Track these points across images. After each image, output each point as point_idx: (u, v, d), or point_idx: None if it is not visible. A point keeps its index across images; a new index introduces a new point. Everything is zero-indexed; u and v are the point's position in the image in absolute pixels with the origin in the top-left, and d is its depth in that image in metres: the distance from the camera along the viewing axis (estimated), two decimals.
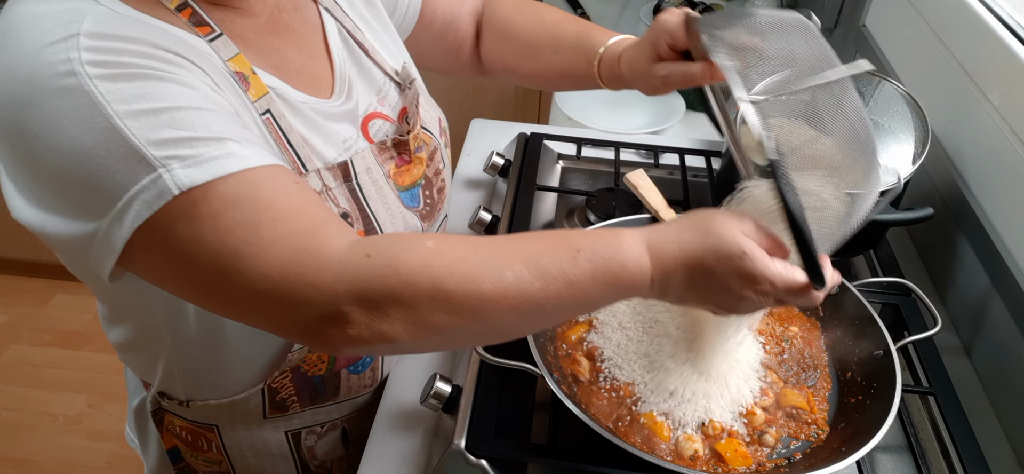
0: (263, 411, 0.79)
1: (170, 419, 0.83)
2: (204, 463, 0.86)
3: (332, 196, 0.67)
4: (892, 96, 0.97)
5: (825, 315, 0.85)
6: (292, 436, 0.84)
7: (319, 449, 0.87)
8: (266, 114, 0.63)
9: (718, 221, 0.59)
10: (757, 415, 0.73)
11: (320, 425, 0.85)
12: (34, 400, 2.09)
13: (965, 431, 0.76)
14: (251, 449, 0.84)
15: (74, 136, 0.51)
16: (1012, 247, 0.87)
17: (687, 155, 1.17)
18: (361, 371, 0.82)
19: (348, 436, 0.88)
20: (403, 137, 0.75)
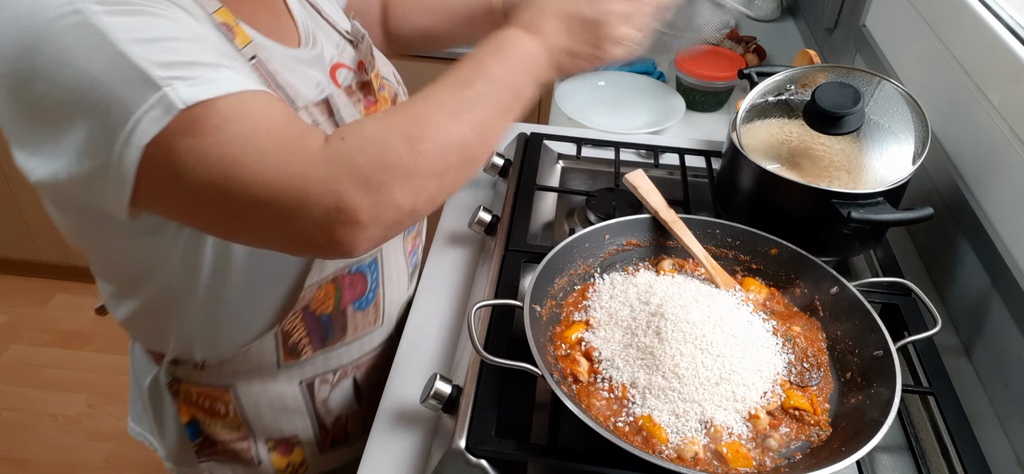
0: (277, 359, 0.82)
1: (186, 388, 0.84)
2: (223, 430, 0.87)
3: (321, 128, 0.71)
4: (892, 96, 0.97)
5: (825, 315, 0.85)
6: (306, 387, 0.87)
7: (333, 401, 0.90)
8: (253, 59, 0.68)
9: None
10: (761, 419, 0.72)
11: (332, 372, 0.88)
12: (34, 400, 2.09)
13: (965, 431, 0.76)
14: (268, 406, 0.86)
15: (81, 68, 0.54)
16: (1012, 247, 0.87)
17: (687, 155, 1.17)
18: (364, 307, 0.85)
19: (359, 387, 0.92)
20: (366, 79, 0.81)
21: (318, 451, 0.92)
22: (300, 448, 0.91)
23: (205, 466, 0.90)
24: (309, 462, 0.93)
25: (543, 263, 0.82)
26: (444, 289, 1.00)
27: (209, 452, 0.89)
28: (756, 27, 1.85)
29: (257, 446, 0.89)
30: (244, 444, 0.89)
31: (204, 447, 0.89)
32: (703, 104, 1.47)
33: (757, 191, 0.97)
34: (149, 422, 0.94)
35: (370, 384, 0.92)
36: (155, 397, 0.89)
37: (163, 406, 0.88)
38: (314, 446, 0.92)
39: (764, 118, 1.02)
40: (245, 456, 0.89)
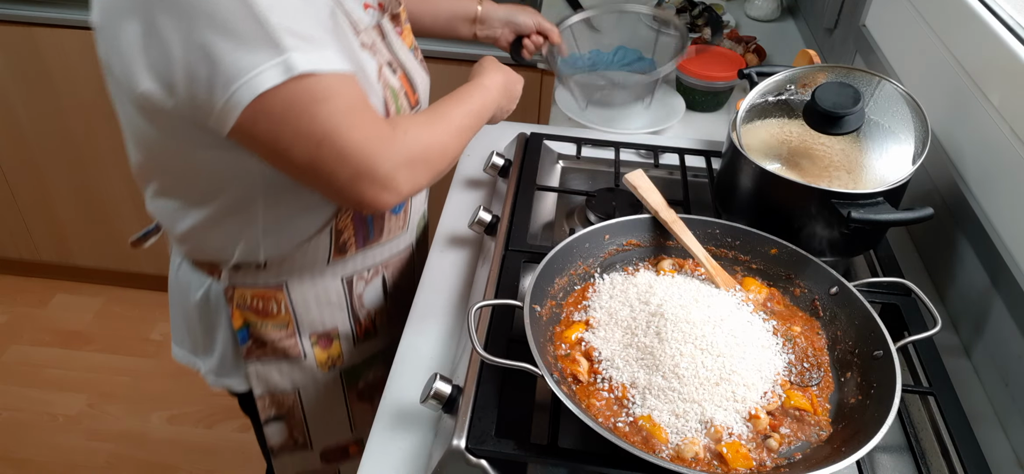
0: (328, 255, 0.96)
1: (241, 293, 0.96)
2: (273, 329, 1.00)
3: (378, 49, 0.89)
4: (892, 96, 0.97)
5: (825, 315, 0.85)
6: (347, 283, 1.02)
7: (366, 297, 1.05)
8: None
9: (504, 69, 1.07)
10: (762, 419, 0.72)
11: (367, 270, 1.03)
12: (34, 400, 2.09)
13: (965, 431, 0.76)
14: (314, 301, 1.00)
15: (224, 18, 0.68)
16: (1012, 247, 0.87)
17: (687, 155, 1.17)
18: (397, 213, 1.02)
19: (387, 285, 1.08)
20: (396, 11, 0.96)
21: (352, 344, 1.07)
22: (338, 342, 1.06)
23: (252, 369, 1.02)
24: (344, 355, 1.07)
25: (543, 263, 0.82)
26: (444, 289, 1.00)
27: (257, 354, 1.01)
28: (756, 27, 1.85)
29: (303, 341, 1.02)
30: (292, 341, 1.01)
31: (253, 350, 1.01)
32: (703, 104, 1.47)
33: (757, 191, 0.97)
34: (194, 341, 1.06)
35: (395, 282, 1.10)
36: (204, 311, 1.00)
37: (213, 317, 1.00)
38: (350, 339, 1.07)
39: (764, 118, 1.02)
40: (293, 352, 1.02)
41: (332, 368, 1.07)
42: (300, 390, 1.07)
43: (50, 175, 2.13)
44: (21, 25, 1.84)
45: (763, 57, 1.62)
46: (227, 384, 1.06)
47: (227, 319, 0.99)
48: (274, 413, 1.08)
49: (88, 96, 1.94)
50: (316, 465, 1.18)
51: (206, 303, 0.99)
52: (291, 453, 1.14)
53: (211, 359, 1.05)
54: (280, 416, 1.09)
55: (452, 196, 1.18)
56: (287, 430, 1.11)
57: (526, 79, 1.75)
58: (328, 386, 1.08)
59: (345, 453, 1.19)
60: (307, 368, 1.05)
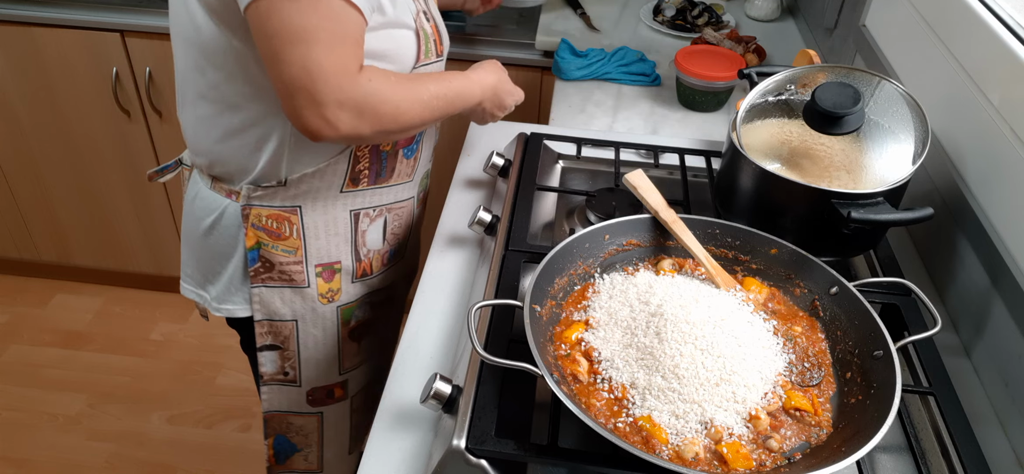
0: (342, 182, 1.04)
1: (257, 212, 1.03)
2: (283, 252, 1.06)
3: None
4: (892, 96, 0.97)
5: (825, 315, 0.85)
6: (354, 217, 1.09)
7: (368, 236, 1.12)
8: None
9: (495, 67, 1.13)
10: (762, 420, 0.72)
11: (373, 209, 1.11)
12: (34, 400, 2.09)
13: (965, 431, 0.76)
14: (324, 228, 1.07)
15: None
16: (1012, 247, 0.87)
17: (687, 155, 1.17)
18: (408, 158, 1.10)
19: (387, 228, 1.14)
20: None
21: (351, 280, 1.13)
22: (339, 276, 1.12)
23: (256, 292, 1.08)
24: (342, 291, 1.13)
25: (543, 263, 0.82)
26: (444, 289, 1.00)
27: (264, 277, 1.07)
28: (756, 27, 1.85)
29: (308, 269, 1.08)
30: (298, 267, 1.07)
31: (260, 273, 1.07)
32: (703, 104, 1.47)
33: (757, 191, 0.97)
34: (203, 272, 1.12)
35: (393, 230, 1.16)
36: (217, 235, 1.07)
37: (225, 240, 1.07)
38: (350, 275, 1.13)
39: (764, 118, 1.02)
40: (298, 278, 1.08)
41: (330, 302, 1.12)
42: (298, 320, 1.12)
43: (50, 175, 2.13)
44: (21, 25, 1.84)
45: (763, 57, 1.62)
46: (229, 309, 1.11)
47: (240, 240, 1.05)
48: (270, 341, 1.13)
49: (88, 96, 1.94)
50: (301, 405, 1.22)
51: (219, 225, 1.06)
52: (280, 386, 1.19)
53: (217, 286, 1.11)
54: (275, 346, 1.14)
55: (452, 196, 1.18)
56: (280, 361, 1.16)
57: (526, 79, 1.76)
58: (325, 319, 1.14)
59: (330, 394, 1.23)
60: (308, 297, 1.10)
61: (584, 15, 1.84)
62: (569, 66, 1.55)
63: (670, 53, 1.67)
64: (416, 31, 0.96)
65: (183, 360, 2.23)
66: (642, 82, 1.56)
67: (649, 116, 1.46)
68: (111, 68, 1.87)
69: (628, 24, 1.84)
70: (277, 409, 1.22)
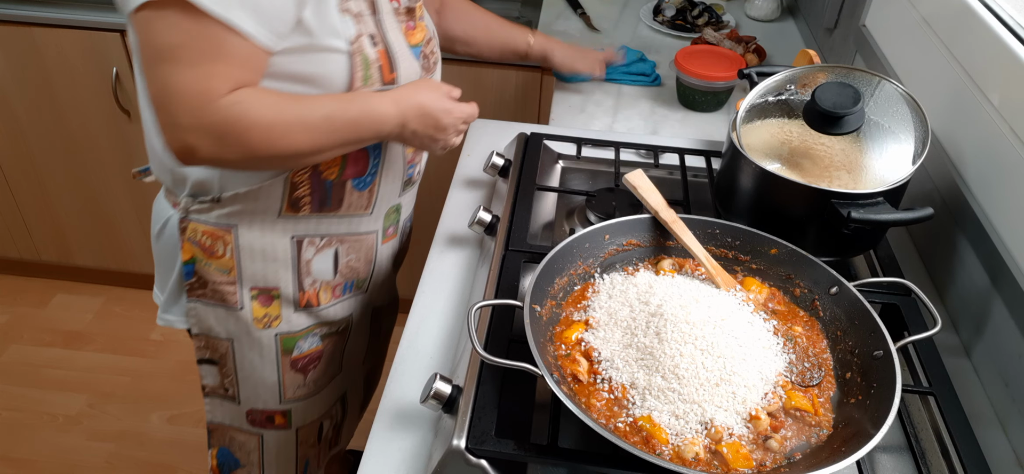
0: (280, 207, 0.98)
1: (193, 227, 0.99)
2: (216, 272, 1.02)
3: (363, 21, 0.90)
4: (892, 96, 0.97)
5: (825, 315, 0.85)
6: (296, 243, 1.02)
7: (314, 265, 1.06)
8: None
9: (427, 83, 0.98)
10: (762, 420, 0.72)
11: (320, 237, 1.04)
12: (34, 400, 2.09)
13: (965, 431, 0.76)
14: (261, 253, 1.01)
15: None
16: (1012, 247, 0.87)
17: (687, 155, 1.17)
18: (361, 189, 1.03)
19: (338, 261, 1.08)
20: (412, 5, 0.99)
21: (292, 309, 1.07)
22: (277, 302, 1.06)
23: (191, 307, 1.04)
24: (283, 318, 1.07)
25: (543, 263, 0.82)
26: (444, 289, 1.00)
27: (198, 293, 1.03)
28: (756, 27, 1.85)
29: (242, 291, 1.03)
30: (231, 287, 1.02)
31: (195, 287, 1.03)
32: (703, 104, 1.47)
33: (757, 191, 0.97)
34: (158, 278, 1.11)
35: (348, 262, 1.09)
36: (164, 243, 1.04)
37: (169, 250, 1.04)
38: (291, 303, 1.07)
39: (764, 118, 1.02)
40: (231, 299, 1.03)
41: (267, 327, 1.06)
42: (233, 340, 1.07)
43: (50, 175, 2.13)
44: (21, 25, 1.84)
45: (763, 57, 1.62)
46: (169, 320, 1.08)
47: (179, 252, 1.01)
48: (208, 355, 1.10)
49: (88, 96, 1.94)
50: (241, 422, 1.17)
51: (164, 233, 1.03)
52: (221, 400, 1.15)
53: (164, 294, 1.09)
54: (213, 360, 1.10)
55: (452, 196, 1.18)
56: (219, 377, 1.12)
57: (526, 79, 1.76)
58: (261, 345, 1.08)
59: (270, 420, 1.17)
60: (242, 320, 1.05)
61: (584, 15, 1.83)
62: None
63: (670, 53, 1.67)
64: (349, 55, 0.89)
65: (183, 360, 2.23)
66: (642, 82, 1.56)
67: (649, 116, 1.46)
68: (111, 68, 1.87)
69: (628, 24, 1.84)
70: (219, 421, 1.18)
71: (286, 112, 0.85)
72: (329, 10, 0.85)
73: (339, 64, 0.88)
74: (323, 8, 0.85)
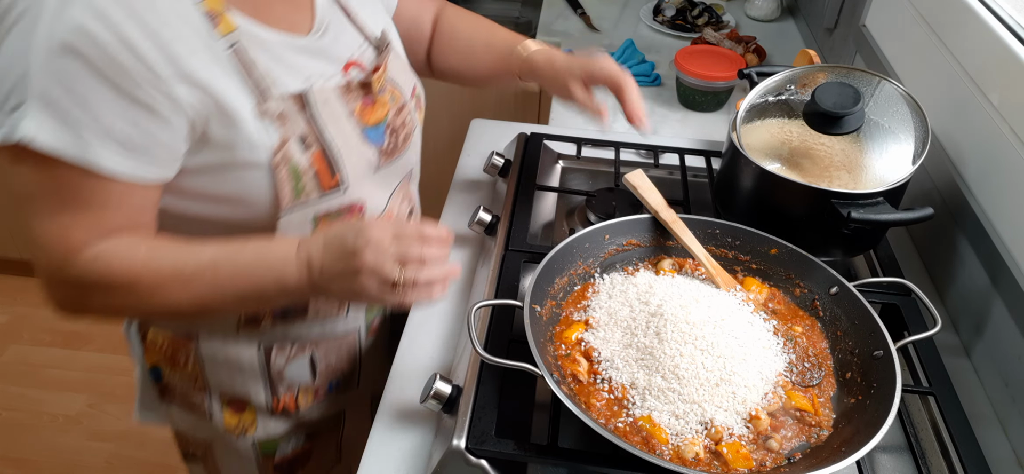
0: (236, 321, 0.88)
1: (154, 333, 0.92)
2: (181, 381, 0.94)
3: (290, 121, 0.75)
4: (892, 96, 0.97)
5: (825, 315, 0.85)
6: (264, 351, 0.91)
7: (289, 371, 0.94)
8: (232, 47, 0.72)
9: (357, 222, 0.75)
10: (762, 420, 0.72)
11: (290, 344, 0.92)
12: (34, 400, 2.09)
13: (965, 431, 0.76)
14: (225, 363, 0.91)
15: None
16: (1012, 247, 0.87)
17: (687, 155, 1.17)
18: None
19: (316, 365, 0.95)
20: (367, 79, 0.83)
21: (268, 416, 0.96)
22: (251, 409, 0.95)
23: (168, 410, 0.98)
24: (259, 426, 0.96)
25: (543, 263, 0.82)
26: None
27: (169, 399, 0.97)
28: (756, 27, 1.85)
29: (211, 401, 0.94)
30: (199, 396, 0.94)
31: (165, 392, 0.96)
32: (703, 104, 1.47)
33: (757, 191, 0.97)
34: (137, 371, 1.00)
35: (328, 365, 0.96)
36: (130, 339, 0.96)
37: (136, 349, 0.96)
38: (265, 411, 0.96)
39: (764, 118, 1.02)
40: (199, 408, 0.95)
41: (243, 434, 0.96)
42: (213, 442, 1.00)
43: None
44: None
45: (763, 57, 1.62)
46: (148, 417, 1.00)
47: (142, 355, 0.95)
48: (191, 451, 1.04)
49: None
50: None
51: (130, 334, 0.96)
52: None
53: (139, 387, 1.00)
54: (197, 456, 1.04)
55: (452, 196, 1.18)
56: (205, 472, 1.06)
57: None
58: (240, 451, 0.98)
59: None
60: (216, 428, 0.96)
61: (584, 15, 1.84)
62: None
63: (670, 53, 1.67)
64: (271, 168, 0.73)
65: None
66: (642, 82, 1.56)
67: (649, 116, 1.44)
68: None
69: (628, 24, 1.84)
70: None
71: (159, 264, 0.72)
72: (241, 119, 0.71)
73: (259, 181, 0.74)
74: (233, 118, 0.71)
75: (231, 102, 0.70)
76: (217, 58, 0.70)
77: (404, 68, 0.94)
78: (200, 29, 0.69)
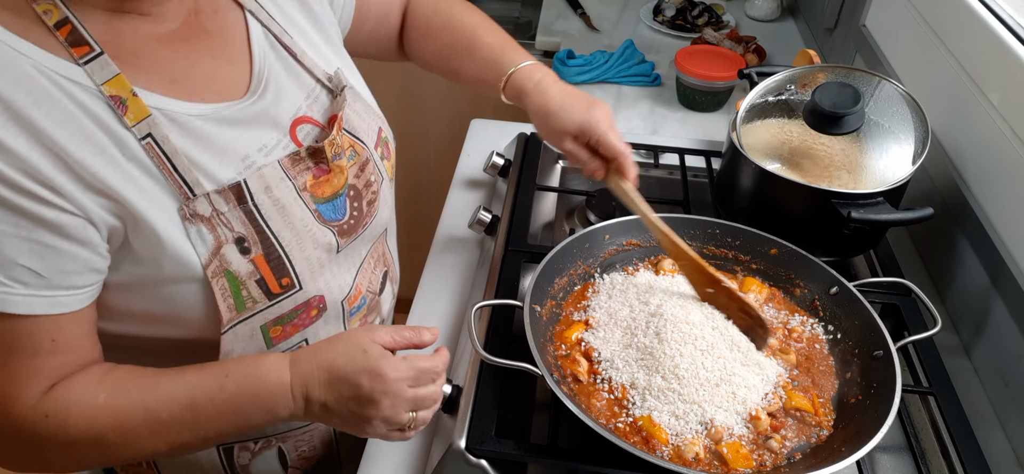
0: None
1: None
2: None
3: (224, 220, 0.64)
4: (892, 96, 0.97)
5: (825, 315, 0.85)
6: (224, 452, 0.81)
7: (255, 468, 0.84)
8: (147, 138, 0.60)
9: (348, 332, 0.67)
10: (762, 420, 0.72)
11: (253, 441, 0.82)
12: None
13: (965, 431, 0.76)
14: (183, 465, 0.82)
15: None
16: (1012, 247, 0.87)
17: (687, 155, 1.17)
18: None
19: (286, 457, 0.85)
20: (318, 145, 0.71)
21: None
22: None
23: None
24: None
25: (543, 263, 0.82)
26: (444, 289, 1.00)
27: None
28: (756, 27, 1.85)
29: None
30: None
31: None
32: (703, 104, 1.47)
33: (757, 191, 0.97)
34: None
35: (300, 455, 0.86)
36: None
37: None
38: None
39: (764, 118, 1.02)
40: None
41: None
42: None
43: None
44: None
45: (763, 57, 1.62)
46: None
47: None
48: None
49: None
50: None
51: None
52: None
53: None
54: None
55: (452, 196, 1.18)
56: None
57: None
58: None
59: None
60: None
61: (584, 15, 1.83)
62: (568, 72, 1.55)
63: (670, 53, 1.67)
64: (202, 282, 0.63)
65: None
66: (642, 82, 1.56)
67: (649, 116, 1.46)
68: None
69: (628, 24, 1.84)
70: None
71: (126, 412, 0.62)
72: (162, 228, 0.60)
73: (192, 296, 0.64)
74: (152, 229, 0.60)
75: (148, 211, 0.60)
76: (129, 155, 0.59)
77: (366, 109, 0.81)
78: (104, 121, 0.58)
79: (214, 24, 0.70)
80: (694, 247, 0.92)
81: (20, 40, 0.56)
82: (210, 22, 0.69)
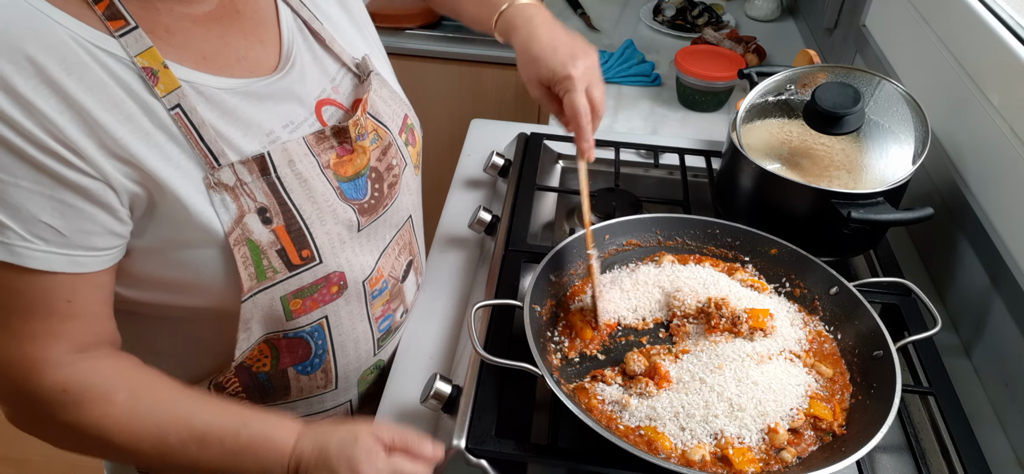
0: None
1: None
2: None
3: (247, 190, 0.66)
4: (892, 96, 0.97)
5: (825, 315, 0.85)
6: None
7: None
8: (176, 109, 0.63)
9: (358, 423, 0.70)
10: (780, 433, 0.70)
11: None
12: None
13: (965, 431, 0.76)
14: None
15: None
16: (1012, 247, 0.87)
17: (687, 155, 1.17)
18: (310, 372, 0.79)
19: None
20: (342, 125, 0.73)
21: None
22: None
23: None
24: None
25: (543, 263, 0.82)
26: (444, 289, 1.00)
27: None
28: (756, 27, 1.85)
29: None
30: None
31: None
32: (703, 104, 1.47)
33: (757, 191, 0.97)
34: None
35: None
36: None
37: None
38: None
39: (764, 118, 1.02)
40: None
41: None
42: None
43: None
44: None
45: (763, 57, 1.62)
46: None
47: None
48: None
49: None
50: None
51: None
52: None
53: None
54: None
55: (452, 196, 1.18)
56: None
57: (518, 79, 1.76)
58: None
59: None
60: None
61: (584, 15, 1.83)
62: None
63: (670, 53, 1.67)
64: (222, 249, 0.65)
65: None
66: (642, 82, 1.56)
67: (649, 116, 1.46)
68: None
69: (628, 24, 1.84)
70: None
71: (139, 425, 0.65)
72: (186, 195, 0.62)
73: (213, 263, 0.66)
74: (176, 196, 0.62)
75: (172, 178, 0.62)
76: (157, 123, 0.62)
77: (392, 96, 0.83)
78: (135, 90, 0.61)
79: (247, 6, 0.73)
80: (694, 247, 0.93)
81: (58, 10, 0.59)
82: (243, 4, 0.72)
